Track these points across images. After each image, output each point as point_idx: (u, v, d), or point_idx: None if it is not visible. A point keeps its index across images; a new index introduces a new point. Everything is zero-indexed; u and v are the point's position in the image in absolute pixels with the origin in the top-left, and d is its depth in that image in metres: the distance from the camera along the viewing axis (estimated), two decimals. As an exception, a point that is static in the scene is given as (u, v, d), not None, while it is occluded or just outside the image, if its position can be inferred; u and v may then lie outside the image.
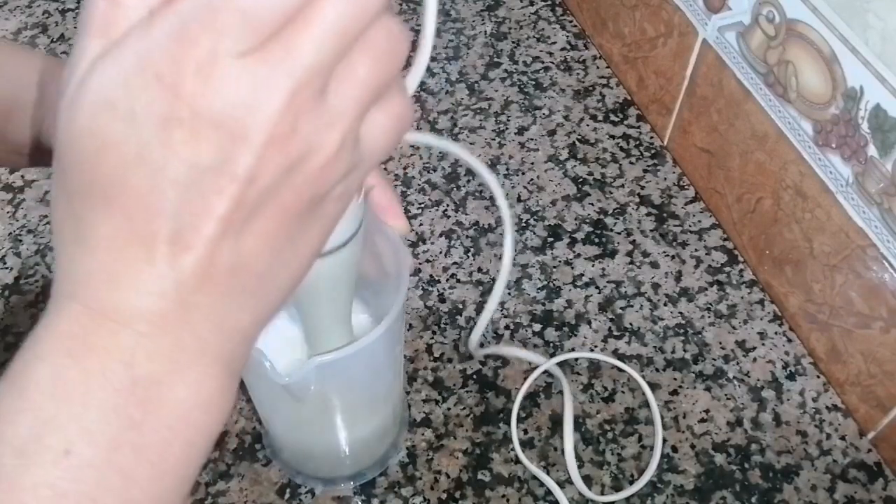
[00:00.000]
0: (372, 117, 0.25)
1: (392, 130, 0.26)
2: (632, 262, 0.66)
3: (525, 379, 0.59)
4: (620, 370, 0.60)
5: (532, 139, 0.74)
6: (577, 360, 0.60)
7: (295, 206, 0.24)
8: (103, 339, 0.24)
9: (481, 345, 0.60)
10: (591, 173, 0.71)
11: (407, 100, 0.26)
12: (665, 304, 0.63)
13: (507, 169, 0.71)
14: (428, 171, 0.71)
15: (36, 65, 0.43)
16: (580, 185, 0.70)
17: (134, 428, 0.24)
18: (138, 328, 0.24)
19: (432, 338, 0.61)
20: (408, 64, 0.26)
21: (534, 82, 0.78)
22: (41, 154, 0.43)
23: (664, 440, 0.56)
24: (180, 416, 0.25)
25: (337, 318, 0.43)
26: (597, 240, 0.67)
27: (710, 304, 0.63)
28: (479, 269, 0.65)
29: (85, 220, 0.23)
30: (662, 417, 0.57)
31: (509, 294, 0.64)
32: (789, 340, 0.61)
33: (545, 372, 0.59)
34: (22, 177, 0.71)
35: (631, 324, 0.62)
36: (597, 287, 0.64)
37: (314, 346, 0.45)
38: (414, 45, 0.26)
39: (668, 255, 0.66)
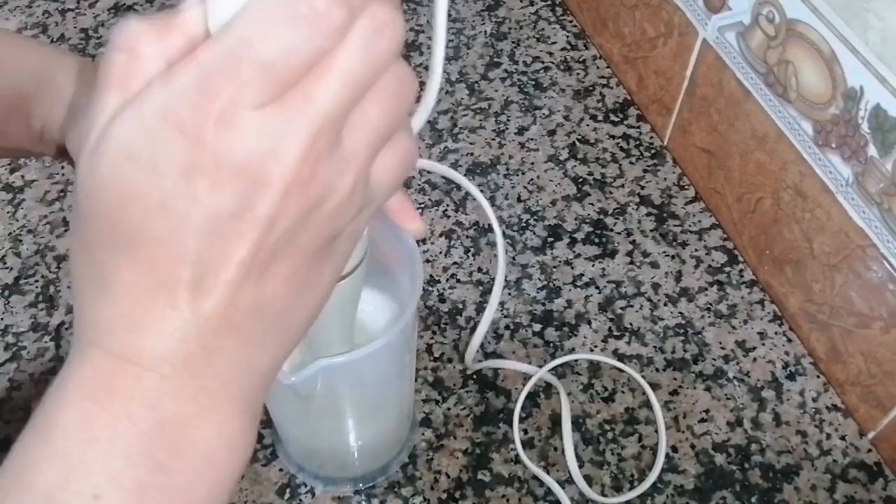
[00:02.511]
0: (381, 158, 0.26)
1: (399, 169, 0.27)
2: (632, 262, 0.66)
3: (525, 378, 0.59)
4: (620, 370, 0.60)
5: (532, 139, 0.74)
6: (576, 360, 0.60)
7: (311, 247, 0.25)
8: (127, 383, 0.24)
9: (479, 358, 0.60)
10: (591, 173, 0.71)
11: (412, 139, 0.27)
12: (665, 304, 0.63)
13: (507, 169, 0.72)
14: (428, 171, 0.71)
15: (37, 56, 0.43)
16: (580, 185, 0.70)
17: (161, 471, 0.24)
18: (162, 371, 0.24)
19: (432, 338, 0.61)
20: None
21: (534, 82, 0.78)
22: (44, 147, 0.43)
23: (658, 440, 0.56)
24: (206, 458, 0.25)
25: (343, 335, 0.43)
26: (597, 240, 0.67)
27: (710, 304, 0.63)
28: (479, 269, 0.65)
29: (107, 268, 0.24)
30: (656, 415, 0.57)
31: (509, 294, 0.64)
32: (789, 340, 0.61)
33: (531, 383, 0.59)
34: (22, 177, 0.71)
35: (631, 324, 0.62)
36: (597, 287, 0.64)
37: (316, 353, 0.45)
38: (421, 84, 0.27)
39: (668, 255, 0.66)
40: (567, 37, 0.82)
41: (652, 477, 0.55)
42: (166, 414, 0.24)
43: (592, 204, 0.69)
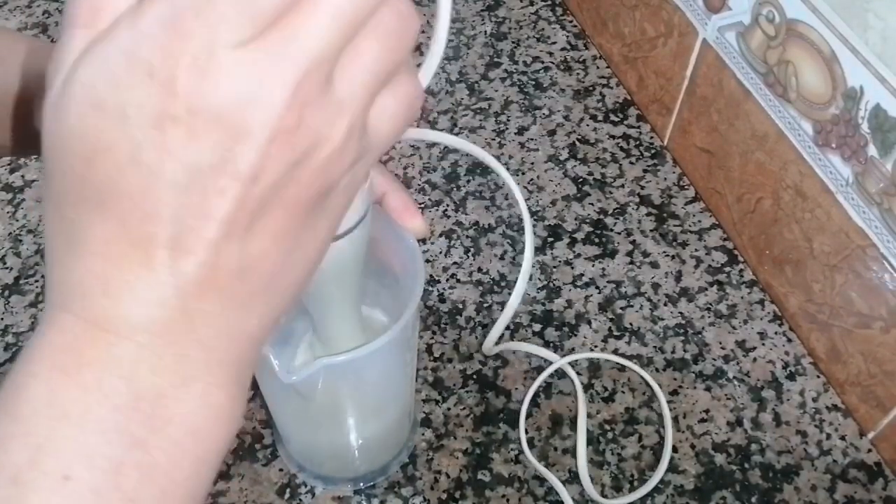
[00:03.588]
0: (380, 102, 0.23)
1: (401, 115, 0.24)
2: (632, 262, 0.66)
3: (525, 378, 0.59)
4: (620, 370, 0.60)
5: (532, 139, 0.74)
6: (577, 360, 0.60)
7: (301, 201, 0.23)
8: (100, 353, 0.22)
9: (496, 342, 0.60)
10: (591, 173, 0.71)
11: (416, 81, 0.25)
12: (665, 304, 0.63)
13: (507, 169, 0.71)
14: (428, 171, 0.71)
15: (40, 56, 0.42)
16: (580, 185, 0.70)
17: (138, 447, 0.22)
18: (138, 339, 0.22)
19: (432, 338, 0.61)
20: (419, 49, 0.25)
21: (534, 82, 0.78)
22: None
23: (665, 440, 0.56)
24: (188, 432, 0.23)
25: (345, 310, 0.42)
26: (597, 240, 0.67)
27: (710, 304, 0.63)
28: (479, 269, 0.65)
29: (77, 226, 0.22)
30: (662, 417, 0.57)
31: (509, 294, 0.64)
32: (789, 340, 0.61)
33: (548, 371, 0.59)
34: (22, 177, 0.71)
35: (631, 324, 0.62)
36: (597, 287, 0.64)
37: (324, 341, 0.44)
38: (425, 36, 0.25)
39: (668, 255, 0.66)
40: (567, 37, 0.82)
41: (657, 477, 0.55)
42: (143, 385, 0.22)
43: (592, 204, 0.69)
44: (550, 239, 0.67)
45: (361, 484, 0.55)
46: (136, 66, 0.20)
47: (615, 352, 0.61)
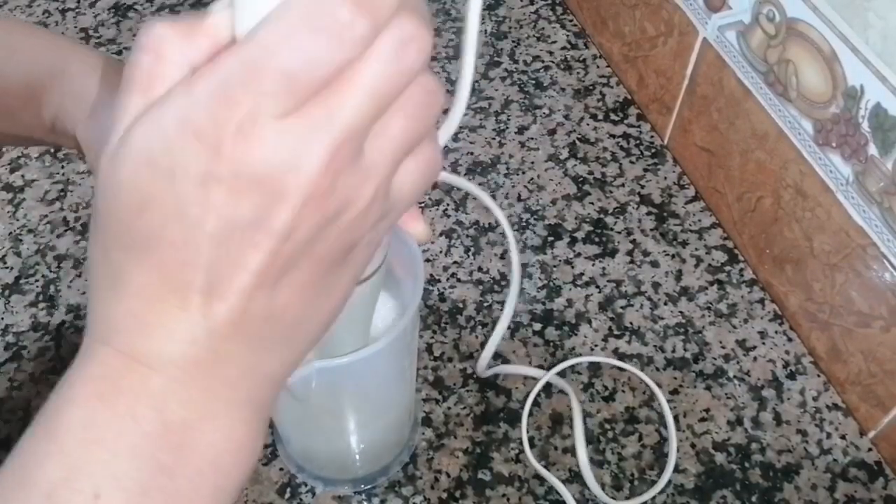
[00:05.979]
0: (403, 168, 0.25)
1: (422, 179, 0.26)
2: (632, 262, 0.66)
3: (525, 378, 0.59)
4: (621, 369, 0.60)
5: (532, 138, 0.74)
6: (564, 370, 0.60)
7: (328, 257, 0.25)
8: (134, 384, 0.24)
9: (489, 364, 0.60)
10: (591, 172, 0.71)
11: (437, 149, 0.27)
12: (665, 304, 0.63)
13: (508, 168, 0.71)
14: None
15: (51, 46, 0.43)
16: (580, 185, 0.70)
17: (164, 473, 0.24)
18: (170, 374, 0.24)
19: (432, 337, 0.61)
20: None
21: (534, 81, 0.78)
22: (56, 137, 0.43)
23: (665, 440, 0.56)
24: (211, 462, 0.25)
25: (354, 339, 0.42)
26: (597, 239, 0.67)
27: (711, 303, 0.63)
28: (480, 269, 0.65)
29: (121, 269, 0.24)
30: (663, 416, 0.57)
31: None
32: (790, 339, 0.61)
33: (538, 386, 0.59)
34: (22, 177, 0.71)
35: (631, 323, 0.62)
36: (597, 286, 0.64)
37: (326, 346, 0.44)
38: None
39: (668, 255, 0.66)
40: (567, 36, 0.82)
41: (655, 476, 0.55)
42: (172, 416, 0.24)
43: (593, 203, 0.69)
44: (551, 238, 0.67)
45: (362, 485, 0.55)
46: (186, 129, 0.22)
47: (615, 351, 0.61)
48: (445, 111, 0.29)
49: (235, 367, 0.25)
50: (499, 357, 0.60)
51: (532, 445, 0.56)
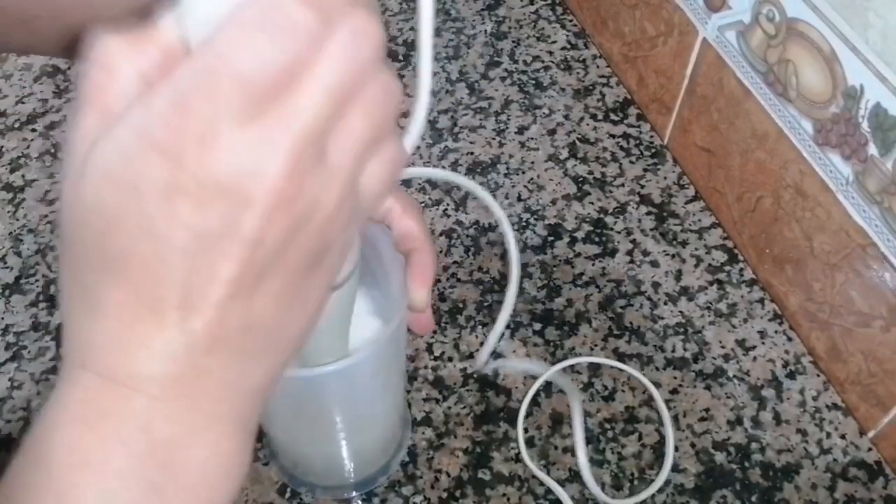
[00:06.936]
0: (368, 167, 0.25)
1: (387, 176, 0.26)
2: (632, 261, 0.66)
3: (525, 377, 0.59)
4: (621, 369, 0.60)
5: (532, 138, 0.74)
6: (564, 368, 0.60)
7: (301, 262, 0.25)
8: (117, 405, 0.24)
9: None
10: (591, 172, 0.71)
11: (399, 144, 0.27)
12: (665, 303, 0.63)
13: (508, 168, 0.72)
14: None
15: None
16: (580, 185, 0.71)
17: (154, 492, 0.24)
18: (151, 392, 0.24)
19: (432, 337, 0.61)
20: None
21: (534, 81, 0.78)
22: (77, 45, 0.42)
23: (665, 439, 0.56)
24: (200, 478, 0.25)
25: (332, 345, 0.42)
26: (597, 239, 0.67)
27: (710, 302, 0.63)
28: (480, 269, 0.65)
29: (94, 291, 0.24)
30: (662, 416, 0.57)
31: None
32: (789, 339, 0.61)
33: (538, 383, 0.59)
34: (22, 176, 0.72)
35: (631, 323, 0.62)
36: (597, 286, 0.64)
37: (307, 364, 0.44)
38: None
39: (668, 254, 0.66)
40: (567, 36, 0.82)
41: (655, 476, 0.55)
42: (157, 435, 0.24)
43: (592, 203, 0.69)
44: (551, 238, 0.67)
45: (355, 492, 0.54)
46: (146, 144, 0.22)
47: (615, 351, 0.61)
48: (405, 115, 0.30)
49: (217, 380, 0.25)
50: (499, 357, 0.60)
51: (532, 445, 0.56)
